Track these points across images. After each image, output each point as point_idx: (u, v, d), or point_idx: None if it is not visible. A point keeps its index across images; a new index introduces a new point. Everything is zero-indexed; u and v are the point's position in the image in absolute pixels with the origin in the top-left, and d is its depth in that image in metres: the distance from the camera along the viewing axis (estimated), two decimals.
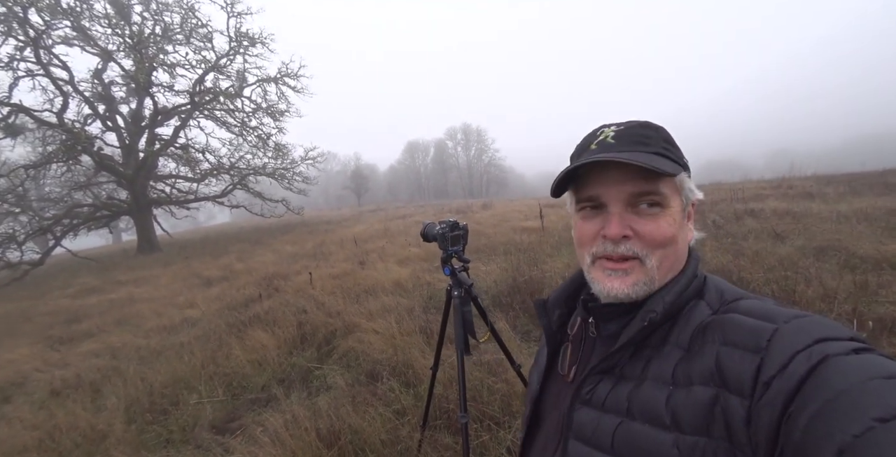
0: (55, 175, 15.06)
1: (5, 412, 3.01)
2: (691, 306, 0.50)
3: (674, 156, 0.52)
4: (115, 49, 14.45)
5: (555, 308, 0.65)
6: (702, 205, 8.92)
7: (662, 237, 0.50)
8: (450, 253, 1.36)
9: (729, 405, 0.40)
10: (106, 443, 2.34)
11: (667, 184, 0.50)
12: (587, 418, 0.50)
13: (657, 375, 0.47)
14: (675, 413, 0.43)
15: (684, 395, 0.43)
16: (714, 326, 0.46)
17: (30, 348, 4.64)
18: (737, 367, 0.40)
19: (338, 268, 6.41)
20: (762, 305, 0.46)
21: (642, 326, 0.48)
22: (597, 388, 0.51)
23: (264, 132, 17.66)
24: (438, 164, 63.29)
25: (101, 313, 6.07)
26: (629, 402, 0.47)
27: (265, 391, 2.81)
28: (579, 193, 0.55)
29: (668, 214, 0.50)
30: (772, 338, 0.40)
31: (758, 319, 0.43)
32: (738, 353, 0.41)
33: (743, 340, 0.42)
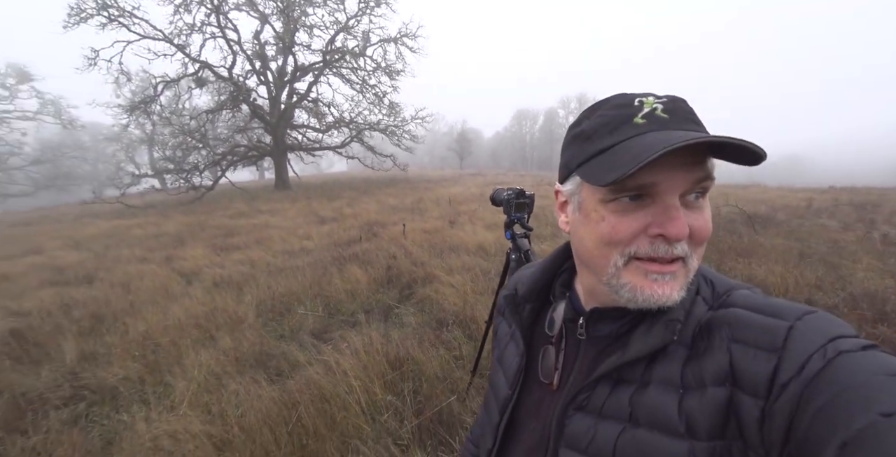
0: (224, 119, 18.71)
1: (188, 291, 4.19)
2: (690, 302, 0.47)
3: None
4: (269, 13, 16.65)
5: (526, 302, 0.58)
6: (874, 212, 6.96)
7: (707, 233, 0.43)
8: (513, 218, 1.43)
9: (742, 405, 0.38)
10: (242, 326, 3.14)
11: (710, 170, 0.43)
12: (582, 425, 0.46)
13: (663, 377, 0.42)
14: (691, 419, 0.40)
15: (698, 398, 0.40)
16: (718, 323, 0.42)
17: (203, 250, 6.18)
18: (752, 366, 0.38)
19: (430, 224, 6.82)
20: (760, 299, 0.43)
21: (671, 339, 0.43)
22: (593, 393, 0.46)
23: (381, 90, 18.87)
24: (546, 133, 59.73)
25: (247, 233, 7.62)
26: (632, 407, 0.43)
27: (353, 316, 3.33)
28: (627, 181, 0.41)
29: (707, 205, 0.44)
30: (788, 337, 0.38)
31: (766, 316, 0.41)
32: (752, 351, 0.39)
33: (756, 338, 0.39)
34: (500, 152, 62.79)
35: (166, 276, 4.77)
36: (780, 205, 8.17)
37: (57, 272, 5.67)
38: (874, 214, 6.77)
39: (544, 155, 59.97)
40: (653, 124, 0.42)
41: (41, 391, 2.45)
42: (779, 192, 11.72)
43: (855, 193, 10.60)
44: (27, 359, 2.89)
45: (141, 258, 6.08)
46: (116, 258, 6.24)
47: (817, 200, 8.91)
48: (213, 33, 16.22)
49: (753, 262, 3.97)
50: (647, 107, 0.43)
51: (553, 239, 5.41)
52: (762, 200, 9.07)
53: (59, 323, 3.46)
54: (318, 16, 17.87)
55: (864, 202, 8.20)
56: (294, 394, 2.06)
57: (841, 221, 6.29)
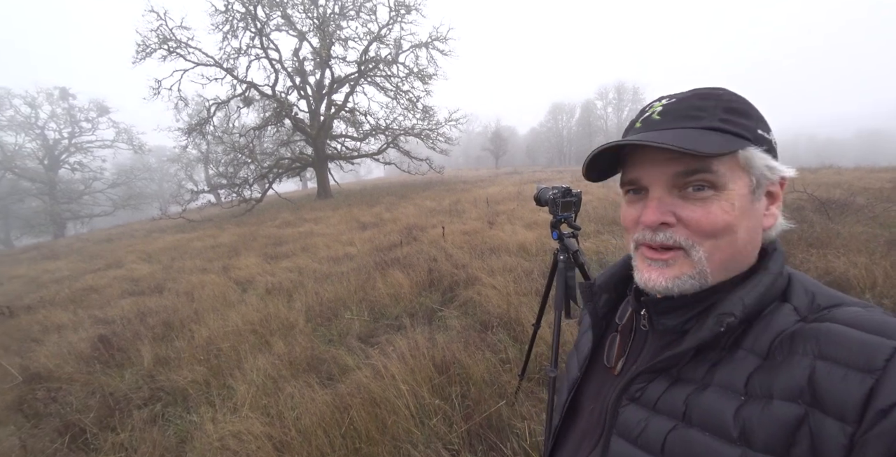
0: (269, 135, 19.92)
1: (244, 298, 4.48)
2: (772, 309, 0.44)
3: (735, 128, 0.44)
4: (306, 30, 17.57)
5: (602, 292, 0.61)
6: None
7: (712, 225, 0.44)
8: (560, 218, 1.37)
9: (823, 429, 0.35)
10: (293, 331, 3.29)
11: (724, 162, 0.44)
12: (635, 416, 0.47)
13: (725, 382, 0.42)
14: (746, 427, 0.39)
15: (759, 409, 0.39)
16: (806, 336, 0.39)
17: (255, 259, 6.59)
18: (839, 386, 0.35)
19: (469, 225, 6.81)
20: (871, 316, 0.39)
21: (718, 331, 0.43)
22: (649, 386, 0.47)
23: (414, 95, 19.19)
24: (584, 126, 57.62)
25: (294, 241, 8.03)
26: (687, 406, 0.43)
27: (398, 320, 3.38)
28: (623, 175, 0.51)
29: (724, 198, 0.44)
30: (892, 357, 0.34)
31: (869, 333, 0.37)
32: (842, 371, 0.36)
33: (848, 355, 0.36)
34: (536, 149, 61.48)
35: (224, 284, 5.13)
36: (859, 188, 7.28)
37: (133, 283, 6.29)
38: None
39: (582, 149, 57.86)
40: (644, 127, 0.48)
41: (125, 392, 2.72)
42: (856, 173, 10.47)
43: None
44: (113, 362, 3.21)
45: (201, 269, 6.59)
46: (181, 269, 6.80)
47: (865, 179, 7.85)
48: (258, 54, 17.40)
49: (829, 253, 3.54)
50: (649, 111, 0.49)
51: (597, 236, 5.18)
52: (836, 183, 8.13)
53: (137, 330, 3.82)
54: (351, 28, 18.64)
55: None
56: (345, 398, 2.11)
57: None
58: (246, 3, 15.51)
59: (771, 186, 0.47)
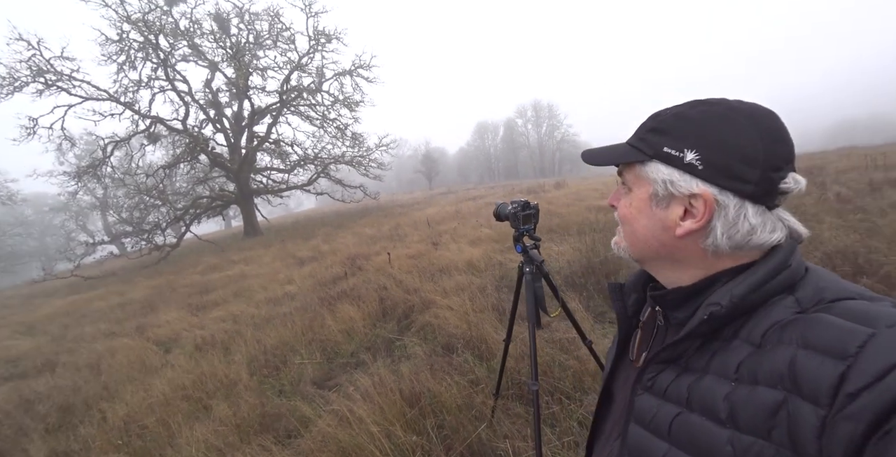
0: (183, 173, 18.07)
1: (169, 359, 3.86)
2: (774, 301, 0.45)
3: (642, 145, 0.53)
4: (219, 60, 16.63)
5: (631, 292, 0.65)
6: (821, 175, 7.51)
7: (621, 214, 0.58)
8: (521, 231, 1.40)
9: (799, 412, 0.37)
10: (237, 388, 2.89)
11: (630, 170, 0.55)
12: (648, 404, 0.51)
13: (720, 369, 0.45)
14: (733, 409, 0.42)
15: (746, 393, 0.41)
16: (795, 325, 0.42)
17: (177, 313, 5.78)
18: (814, 372, 0.37)
19: (413, 248, 6.73)
20: (866, 307, 0.40)
21: (703, 319, 0.46)
22: (659, 376, 0.51)
23: (342, 123, 18.92)
24: (508, 143, 61.68)
25: (223, 286, 7.25)
26: (689, 393, 0.47)
27: (354, 357, 3.15)
28: None
29: (628, 197, 0.56)
30: (865, 344, 0.36)
31: (852, 322, 0.38)
32: (819, 358, 0.38)
33: (827, 343, 0.38)
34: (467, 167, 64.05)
35: (141, 347, 4.39)
36: None
37: (10, 365, 5.10)
38: (822, 177, 7.28)
39: (510, 164, 61.63)
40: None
41: None
42: None
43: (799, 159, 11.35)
44: None
45: (108, 333, 5.60)
46: (79, 338, 5.71)
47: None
48: (162, 87, 15.88)
49: None
50: None
51: None
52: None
53: (21, 423, 3.07)
54: (269, 58, 17.98)
55: (810, 167, 8.84)
56: (311, 454, 1.88)
57: None
58: (145, 33, 14.15)
59: (682, 201, 0.49)
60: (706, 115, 0.48)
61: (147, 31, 14.10)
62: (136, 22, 13.88)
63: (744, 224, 0.47)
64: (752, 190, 0.46)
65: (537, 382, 1.27)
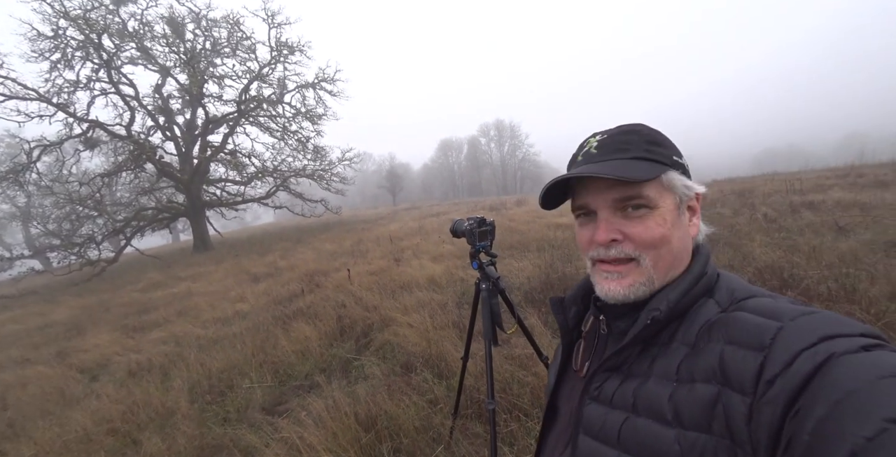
0: (125, 182, 16.69)
1: (94, 388, 3.45)
2: (700, 304, 0.50)
3: (656, 156, 0.53)
4: (171, 65, 15.82)
5: (571, 306, 0.67)
6: (751, 197, 8.34)
7: (651, 238, 0.51)
8: (478, 248, 1.42)
9: (730, 403, 0.40)
10: (174, 418, 2.63)
11: (651, 186, 0.52)
12: (596, 413, 0.52)
13: (662, 371, 0.48)
14: (677, 409, 0.44)
15: (686, 391, 0.44)
16: (719, 324, 0.46)
17: (110, 335, 5.22)
18: (739, 365, 0.41)
19: (374, 265, 6.61)
20: (772, 304, 0.45)
21: (646, 324, 0.49)
22: (605, 384, 0.53)
23: (304, 136, 18.50)
24: (472, 161, 63.14)
25: (166, 305, 6.67)
26: (635, 398, 0.48)
27: (308, 379, 2.99)
28: (573, 202, 0.58)
29: (657, 215, 0.52)
30: (776, 336, 0.40)
31: (764, 317, 0.43)
32: (742, 351, 0.42)
33: (746, 338, 0.42)
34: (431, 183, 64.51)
35: (60, 376, 3.90)
36: None
37: None
38: (752, 199, 8.06)
39: (473, 181, 62.88)
40: (584, 160, 0.56)
41: None
42: None
43: (734, 183, 12.58)
44: None
45: (20, 360, 4.94)
46: None
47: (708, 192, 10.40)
48: (104, 89, 14.73)
49: None
50: (587, 146, 0.57)
51: (500, 260, 5.53)
52: None
53: None
54: (227, 66, 17.36)
55: (742, 190, 9.75)
56: None
57: (730, 208, 7.37)
58: (85, 31, 13.12)
59: (690, 202, 0.56)
60: (658, 131, 0.58)
61: (88, 29, 13.07)
62: (75, 19, 12.84)
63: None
64: None
65: (494, 400, 1.27)
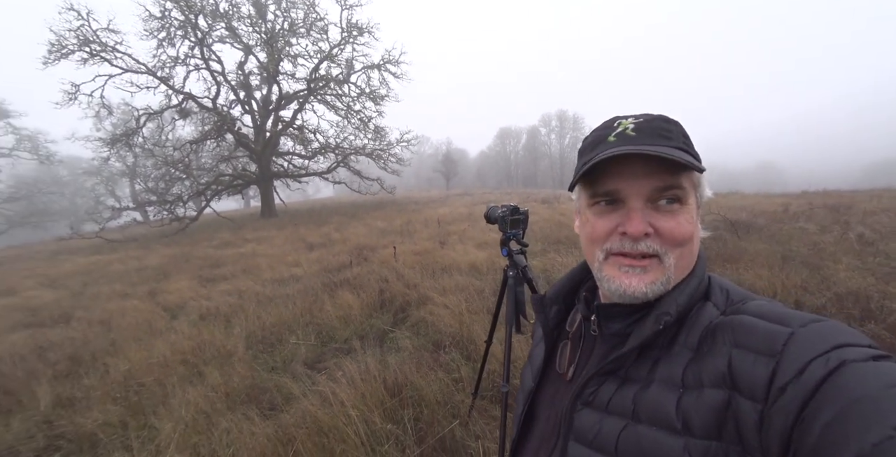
0: (208, 149, 18.66)
1: (173, 325, 4.04)
2: (699, 307, 0.49)
3: (692, 151, 0.50)
4: (253, 44, 17.08)
5: (552, 304, 0.64)
6: (847, 214, 7.27)
7: (682, 235, 0.48)
8: (508, 235, 1.44)
9: (740, 409, 0.39)
10: (231, 359, 3.01)
11: (688, 179, 0.49)
12: (589, 420, 0.49)
13: (666, 377, 0.45)
14: (686, 417, 0.42)
15: (695, 397, 0.42)
16: (724, 328, 0.44)
17: (188, 282, 6.00)
18: (750, 371, 0.40)
19: (420, 245, 6.79)
20: (773, 308, 0.44)
21: (657, 329, 0.47)
22: (600, 389, 0.50)
23: (366, 115, 19.17)
24: (530, 151, 61.31)
25: (233, 262, 7.46)
26: (635, 404, 0.46)
27: (347, 343, 3.23)
28: (595, 188, 0.51)
29: (687, 211, 0.49)
30: (787, 342, 0.39)
31: (771, 322, 0.42)
32: (752, 356, 0.40)
33: (756, 343, 0.41)
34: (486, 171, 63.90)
35: (149, 311, 4.59)
36: (759, 211, 8.43)
37: (31, 313, 5.40)
38: (847, 216, 7.03)
39: (529, 172, 61.22)
40: (620, 141, 0.49)
41: (11, 443, 2.28)
42: (756, 198, 12.12)
43: (827, 196, 11.03)
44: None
45: (122, 294, 5.86)
46: (95, 295, 5.99)
47: (793, 204, 9.24)
48: (197, 65, 16.45)
49: (740, 267, 4.05)
50: (620, 127, 0.51)
51: (544, 254, 5.44)
52: (742, 206, 9.37)
53: (33, 367, 3.26)
54: (301, 46, 18.42)
55: (836, 205, 8.53)
56: (290, 429, 1.96)
57: (818, 223, 6.51)
58: (185, 12, 14.72)
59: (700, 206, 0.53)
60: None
61: (188, 10, 14.63)
62: (178, 1, 14.41)
63: None
64: None
65: (508, 384, 1.32)
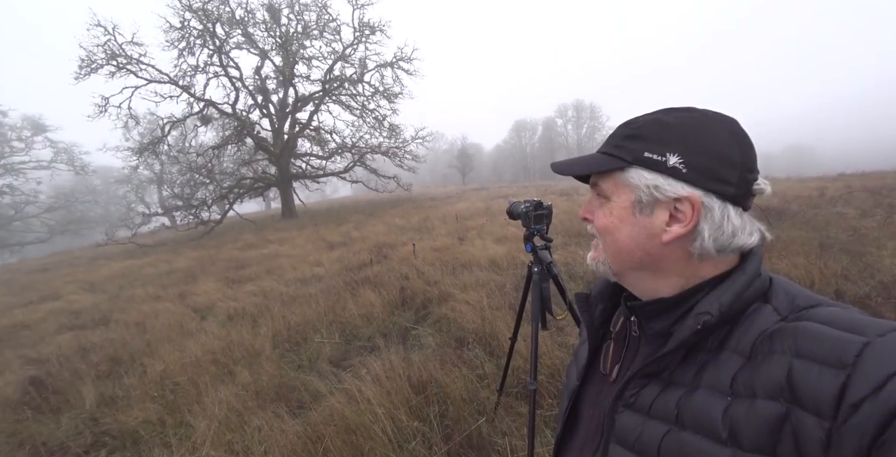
0: (230, 154, 19.23)
1: (203, 326, 4.18)
2: (754, 309, 0.46)
3: (621, 153, 0.51)
4: (269, 49, 17.41)
5: (598, 303, 0.63)
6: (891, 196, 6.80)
7: (599, 225, 0.54)
8: (532, 231, 1.40)
9: (803, 425, 0.36)
10: (260, 358, 3.09)
11: (607, 179, 0.53)
12: (630, 422, 0.48)
13: (713, 383, 0.43)
14: (734, 427, 0.40)
15: (745, 408, 0.40)
16: (784, 335, 0.41)
17: (215, 284, 6.21)
18: (814, 383, 0.36)
19: (439, 242, 6.80)
20: (846, 315, 0.40)
21: (696, 329, 0.45)
22: (642, 392, 0.49)
23: (380, 114, 19.29)
24: (546, 143, 60.24)
25: (257, 264, 7.67)
26: (679, 409, 0.44)
27: (370, 341, 3.27)
28: None
29: (607, 207, 0.53)
30: (861, 353, 0.36)
31: (842, 330, 0.38)
32: (817, 367, 0.37)
33: (823, 353, 0.37)
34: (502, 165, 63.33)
35: (181, 312, 4.77)
36: (792, 196, 8.02)
37: (73, 316, 5.71)
38: (891, 199, 6.60)
39: (545, 164, 60.22)
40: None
41: (62, 440, 2.41)
42: (787, 183, 11.55)
43: (867, 178, 10.39)
44: (47, 407, 2.86)
45: (154, 296, 6.11)
46: (130, 298, 6.28)
47: (829, 188, 8.74)
48: (216, 72, 16.95)
49: (773, 256, 3.85)
50: None
51: (565, 248, 5.34)
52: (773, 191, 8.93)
53: (78, 368, 3.44)
54: (315, 48, 18.64)
55: (878, 187, 8.02)
56: (318, 426, 1.99)
57: (858, 207, 6.13)
58: (203, 21, 15.21)
59: (664, 205, 0.49)
60: (685, 120, 0.49)
61: (206, 19, 15.11)
62: (196, 11, 14.91)
63: (728, 226, 0.47)
64: (734, 191, 0.47)
65: (535, 381, 1.29)
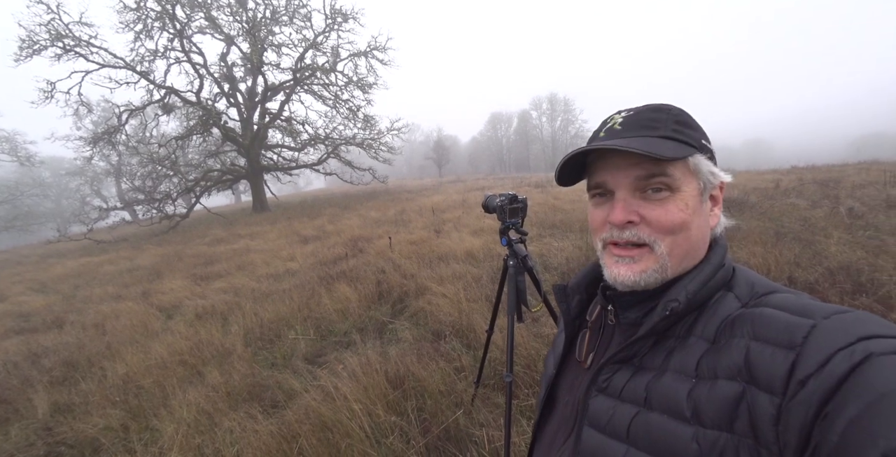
0: (195, 145, 18.25)
1: (169, 325, 4.00)
2: (718, 298, 0.48)
3: (685, 138, 0.50)
4: (235, 34, 16.51)
5: (574, 294, 0.65)
6: (836, 188, 7.33)
7: (671, 223, 0.48)
8: (507, 225, 1.40)
9: (757, 402, 0.38)
10: (231, 358, 2.99)
11: (677, 167, 0.49)
12: (603, 406, 0.50)
13: (679, 366, 0.45)
14: (697, 406, 0.42)
15: (707, 388, 0.42)
16: (743, 320, 0.44)
17: (182, 281, 5.93)
18: (768, 363, 0.39)
19: (415, 234, 6.76)
20: (797, 300, 0.43)
21: (664, 315, 0.47)
22: (614, 377, 0.50)
23: (354, 104, 18.79)
24: (521, 135, 60.82)
25: (227, 259, 7.38)
26: (647, 392, 0.46)
27: (346, 336, 3.23)
28: (589, 181, 0.55)
29: (679, 199, 0.49)
30: (809, 334, 0.38)
31: (793, 314, 0.41)
32: (770, 349, 0.40)
33: (776, 335, 0.40)
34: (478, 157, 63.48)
35: (144, 312, 4.54)
36: (751, 188, 8.48)
37: (22, 319, 5.32)
38: (837, 190, 7.09)
39: (521, 157, 60.94)
40: (607, 136, 0.52)
41: (11, 453, 2.26)
42: (747, 175, 12.17)
43: (816, 171, 11.11)
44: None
45: (115, 296, 5.78)
46: (87, 298, 5.91)
47: (784, 180, 9.29)
48: (178, 58, 15.89)
49: (734, 245, 4.07)
50: (611, 122, 0.53)
51: (539, 239, 5.43)
52: (733, 184, 9.41)
53: (28, 375, 3.22)
54: (285, 34, 17.95)
55: (825, 179, 8.60)
56: (293, 425, 1.95)
57: (808, 199, 6.56)
58: (162, 2, 14.13)
59: (713, 190, 0.53)
60: (687, 112, 0.54)
61: (164, 0, 14.01)
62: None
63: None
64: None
65: (511, 373, 1.31)
